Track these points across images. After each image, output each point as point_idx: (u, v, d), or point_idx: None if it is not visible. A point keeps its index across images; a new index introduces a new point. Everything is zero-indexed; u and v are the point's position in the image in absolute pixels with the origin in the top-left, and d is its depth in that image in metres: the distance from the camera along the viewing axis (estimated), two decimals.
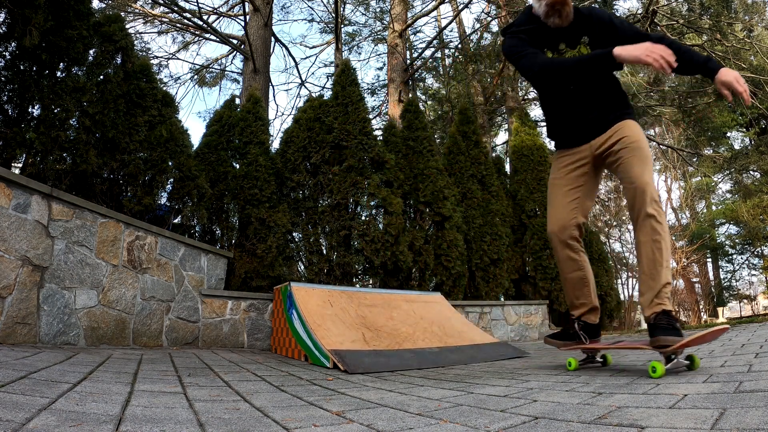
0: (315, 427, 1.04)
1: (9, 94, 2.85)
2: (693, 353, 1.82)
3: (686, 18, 8.51)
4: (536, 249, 6.30)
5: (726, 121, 13.65)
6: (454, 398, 1.44)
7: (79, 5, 3.09)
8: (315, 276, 4.44)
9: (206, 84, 13.24)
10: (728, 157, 13.38)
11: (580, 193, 2.11)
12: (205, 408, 1.20)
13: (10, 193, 2.36)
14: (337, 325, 2.88)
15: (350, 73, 5.16)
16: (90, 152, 3.14)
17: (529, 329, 5.50)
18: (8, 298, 2.28)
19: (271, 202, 4.35)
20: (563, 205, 2.11)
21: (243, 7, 8.53)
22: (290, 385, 1.74)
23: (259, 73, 8.35)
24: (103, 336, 2.81)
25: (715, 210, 17.36)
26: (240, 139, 4.61)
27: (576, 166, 2.11)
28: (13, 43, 2.83)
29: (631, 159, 1.90)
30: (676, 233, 13.15)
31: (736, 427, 0.83)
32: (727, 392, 1.17)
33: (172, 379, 1.70)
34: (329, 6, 13.07)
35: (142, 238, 3.19)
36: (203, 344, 3.48)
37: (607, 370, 1.99)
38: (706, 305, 14.28)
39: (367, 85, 14.81)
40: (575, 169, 2.11)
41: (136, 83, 3.60)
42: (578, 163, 2.11)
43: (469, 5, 12.73)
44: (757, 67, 9.41)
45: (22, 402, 1.02)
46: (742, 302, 17.10)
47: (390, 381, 1.94)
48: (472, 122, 6.48)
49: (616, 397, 1.28)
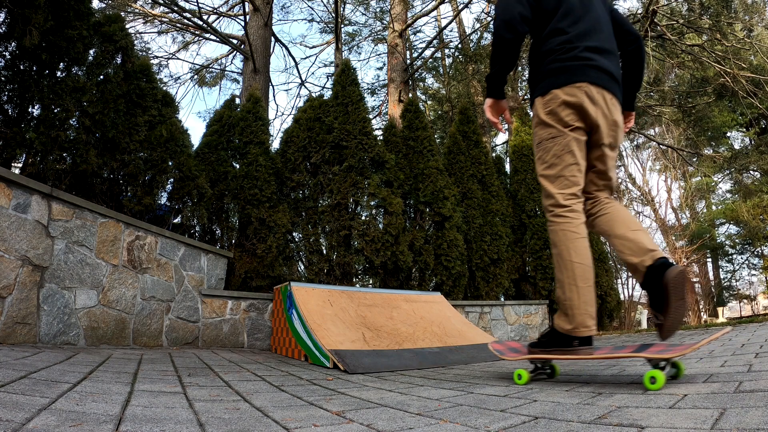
0: (315, 426, 1.04)
1: (9, 94, 2.85)
2: (678, 361, 1.57)
3: (686, 18, 8.51)
4: (536, 249, 6.29)
5: (726, 120, 13.65)
6: (454, 398, 1.44)
7: (79, 5, 3.09)
8: (315, 276, 4.44)
9: (206, 84, 13.24)
10: (728, 157, 13.38)
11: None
12: (205, 408, 1.20)
13: (10, 193, 2.36)
14: (337, 325, 2.88)
15: (350, 72, 5.16)
16: (90, 152, 3.14)
17: (529, 329, 5.50)
18: (8, 298, 2.28)
19: (271, 202, 4.35)
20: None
21: (243, 7, 8.53)
22: (290, 385, 1.74)
23: (259, 73, 8.35)
24: (103, 336, 2.81)
25: (715, 210, 17.35)
26: (240, 139, 4.61)
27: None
28: (13, 43, 2.83)
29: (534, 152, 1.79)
30: (676, 233, 13.14)
31: (736, 427, 0.83)
32: (727, 392, 1.17)
33: (172, 379, 1.70)
34: (329, 6, 13.07)
35: (142, 238, 3.19)
36: (203, 344, 3.48)
37: (607, 370, 1.99)
38: (706, 305, 14.28)
39: (367, 85, 14.82)
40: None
41: (136, 83, 3.60)
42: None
43: (469, 5, 12.73)
44: (757, 67, 9.41)
45: (22, 402, 1.02)
46: (742, 302, 17.11)
47: (390, 381, 1.94)
48: (473, 122, 6.48)
49: (616, 397, 1.28)
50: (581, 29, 1.70)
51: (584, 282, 1.58)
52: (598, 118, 1.65)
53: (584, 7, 1.76)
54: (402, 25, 10.28)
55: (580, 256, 1.60)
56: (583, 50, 1.66)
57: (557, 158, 1.68)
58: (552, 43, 1.71)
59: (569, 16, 1.72)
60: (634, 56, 1.88)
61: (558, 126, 1.68)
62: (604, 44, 1.71)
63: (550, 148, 1.70)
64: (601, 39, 1.71)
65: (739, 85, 8.67)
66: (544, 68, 1.72)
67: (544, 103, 1.70)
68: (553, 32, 1.72)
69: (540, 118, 1.72)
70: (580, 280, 1.58)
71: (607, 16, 1.83)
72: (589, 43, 1.68)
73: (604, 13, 1.82)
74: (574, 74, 1.65)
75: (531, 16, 1.74)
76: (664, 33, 8.42)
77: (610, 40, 1.76)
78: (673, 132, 13.56)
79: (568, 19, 1.72)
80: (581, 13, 1.73)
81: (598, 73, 1.65)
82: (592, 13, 1.76)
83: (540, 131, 1.74)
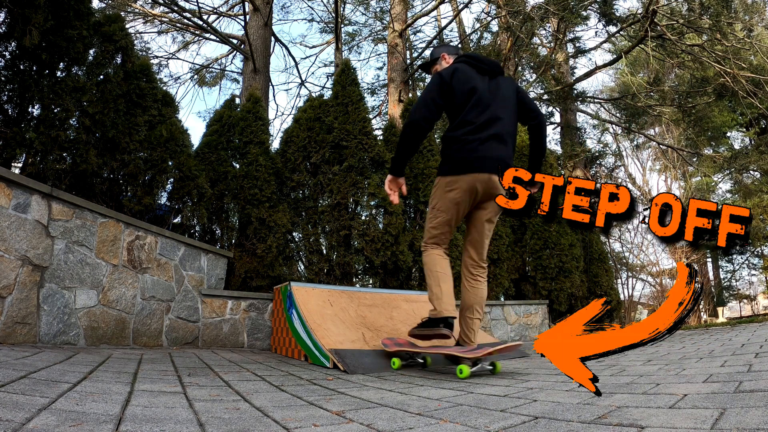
0: (315, 426, 1.04)
1: (9, 94, 2.85)
2: (496, 361, 2.23)
3: (686, 18, 8.51)
4: (536, 249, 6.30)
5: (726, 120, 13.64)
6: (454, 398, 1.44)
7: (79, 5, 3.09)
8: (315, 276, 4.44)
9: (206, 84, 13.24)
10: (728, 157, 13.38)
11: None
12: (205, 408, 1.20)
13: (10, 193, 2.36)
14: (337, 325, 2.88)
15: (350, 72, 5.15)
16: (90, 152, 3.14)
17: (529, 329, 5.50)
18: (8, 298, 2.28)
19: (271, 202, 4.34)
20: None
21: (243, 7, 8.54)
22: (290, 385, 1.74)
23: (259, 73, 8.35)
24: (103, 336, 2.81)
25: None
26: (240, 138, 4.61)
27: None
28: (13, 42, 2.83)
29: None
30: None
31: (736, 427, 0.83)
32: (727, 392, 1.17)
33: (172, 378, 1.70)
34: (329, 6, 13.07)
35: (142, 237, 3.19)
36: (203, 344, 3.48)
37: (607, 370, 1.99)
38: (706, 305, 14.27)
39: (367, 84, 14.81)
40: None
41: (136, 83, 3.60)
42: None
43: (469, 5, 12.72)
44: (757, 67, 9.41)
45: (22, 402, 1.02)
46: (742, 302, 17.10)
47: (390, 381, 1.94)
48: None
49: (616, 397, 1.28)
50: (485, 118, 2.19)
51: (444, 283, 2.26)
52: (483, 195, 2.23)
53: (492, 94, 2.26)
54: (402, 25, 10.28)
55: (442, 267, 2.32)
56: (482, 142, 2.18)
57: (442, 214, 2.30)
58: (459, 132, 2.21)
59: (477, 107, 2.21)
60: (536, 130, 2.39)
61: (450, 197, 2.25)
62: (502, 130, 2.23)
63: (437, 214, 2.33)
64: (501, 126, 2.22)
65: (739, 85, 8.67)
66: (451, 154, 2.23)
67: (445, 183, 2.26)
68: (462, 123, 2.21)
69: (437, 182, 2.31)
70: (442, 282, 2.27)
71: (513, 98, 2.33)
72: (490, 132, 2.19)
73: (511, 94, 2.32)
74: (471, 166, 2.18)
75: (437, 117, 2.27)
76: (664, 33, 8.42)
77: (510, 123, 2.29)
78: (673, 132, 13.56)
79: (475, 111, 2.20)
80: (488, 102, 2.22)
81: (492, 162, 2.15)
82: (498, 101, 2.25)
83: (435, 194, 2.33)
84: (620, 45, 12.62)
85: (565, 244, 6.33)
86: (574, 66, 14.13)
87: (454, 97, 2.23)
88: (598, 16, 10.04)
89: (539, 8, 9.07)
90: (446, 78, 2.24)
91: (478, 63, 2.34)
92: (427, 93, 2.26)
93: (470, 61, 2.34)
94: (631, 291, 9.48)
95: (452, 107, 2.26)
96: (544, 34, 12.35)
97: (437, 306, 2.23)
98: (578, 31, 13.28)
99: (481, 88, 2.24)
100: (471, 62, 2.34)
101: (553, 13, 8.88)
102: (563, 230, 6.47)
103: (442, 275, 2.28)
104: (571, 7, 9.02)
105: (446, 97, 2.24)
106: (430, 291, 2.29)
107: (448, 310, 2.22)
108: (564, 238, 6.37)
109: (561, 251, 6.26)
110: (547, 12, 8.93)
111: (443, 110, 2.29)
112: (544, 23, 10.78)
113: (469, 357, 2.08)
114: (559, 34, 10.73)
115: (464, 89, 2.22)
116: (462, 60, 2.37)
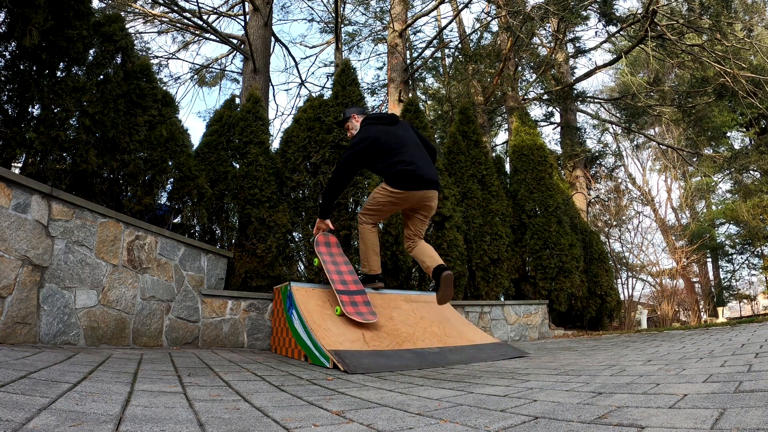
0: (315, 426, 1.04)
1: (9, 94, 2.85)
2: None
3: (686, 18, 8.51)
4: (536, 249, 6.30)
5: (726, 120, 13.65)
6: (454, 398, 1.44)
7: (79, 5, 3.09)
8: (315, 276, 4.44)
9: (206, 84, 13.25)
10: (728, 157, 13.39)
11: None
12: (205, 408, 1.20)
13: (10, 193, 2.36)
14: (337, 325, 2.88)
15: (350, 72, 5.16)
16: (90, 152, 3.14)
17: (529, 329, 5.50)
18: (8, 298, 2.28)
19: (271, 202, 4.34)
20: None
21: (243, 7, 8.54)
22: (290, 385, 1.74)
23: (259, 73, 8.35)
24: (103, 336, 2.81)
25: (715, 210, 17.35)
26: (240, 138, 4.61)
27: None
28: (13, 42, 2.83)
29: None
30: (676, 233, 13.13)
31: (736, 427, 0.83)
32: (727, 392, 1.17)
33: (172, 378, 1.70)
34: (329, 6, 13.08)
35: (142, 237, 3.19)
36: (203, 344, 3.48)
37: (607, 370, 1.99)
38: (706, 305, 14.27)
39: (367, 84, 14.83)
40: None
41: (136, 83, 3.60)
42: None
43: (469, 5, 12.73)
44: (757, 67, 9.41)
45: (22, 402, 1.02)
46: (742, 302, 17.11)
47: (390, 381, 1.94)
48: (472, 122, 6.48)
49: (616, 397, 1.28)
50: (410, 155, 3.00)
51: (373, 250, 3.30)
52: (417, 203, 3.12)
53: (410, 139, 3.10)
54: (402, 25, 10.28)
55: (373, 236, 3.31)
56: (416, 169, 2.97)
57: (380, 208, 3.18)
58: (398, 166, 2.96)
59: (403, 149, 3.00)
60: (431, 153, 3.29)
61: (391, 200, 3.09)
62: (424, 160, 3.09)
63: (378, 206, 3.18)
64: (422, 157, 3.08)
65: (739, 85, 8.67)
66: (395, 175, 2.97)
67: (390, 191, 3.02)
68: (396, 162, 2.97)
69: (384, 191, 3.05)
70: (371, 250, 3.30)
71: (417, 139, 3.18)
72: (417, 163, 3.00)
73: (415, 137, 3.18)
74: (412, 185, 2.99)
75: (353, 175, 3.13)
76: (664, 33, 8.42)
77: (427, 154, 3.20)
78: (673, 132, 13.57)
79: (403, 151, 2.99)
80: (409, 145, 3.05)
81: (425, 180, 3.01)
82: (411, 143, 3.08)
83: (378, 196, 3.11)
84: (620, 45, 12.63)
85: (565, 244, 6.34)
86: (574, 66, 14.15)
87: (381, 147, 3.00)
88: (598, 16, 10.05)
89: (539, 8, 9.07)
90: (366, 141, 3.03)
91: (381, 120, 3.18)
92: (350, 154, 3.03)
93: (374, 121, 3.16)
94: (631, 291, 9.47)
95: (381, 154, 3.00)
96: (544, 34, 12.37)
97: (373, 267, 3.29)
98: (578, 31, 13.29)
99: (393, 135, 3.06)
100: (374, 121, 3.16)
101: (553, 13, 8.88)
102: (563, 230, 6.47)
103: (377, 245, 3.33)
104: (571, 7, 9.02)
105: (369, 154, 3.02)
106: (366, 255, 3.29)
107: (377, 267, 3.31)
108: (564, 238, 6.38)
109: (561, 251, 6.26)
110: (547, 12, 8.94)
111: (364, 165, 3.07)
112: (544, 23, 10.79)
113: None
114: (559, 34, 10.74)
115: (384, 140, 3.00)
116: (369, 122, 3.16)
